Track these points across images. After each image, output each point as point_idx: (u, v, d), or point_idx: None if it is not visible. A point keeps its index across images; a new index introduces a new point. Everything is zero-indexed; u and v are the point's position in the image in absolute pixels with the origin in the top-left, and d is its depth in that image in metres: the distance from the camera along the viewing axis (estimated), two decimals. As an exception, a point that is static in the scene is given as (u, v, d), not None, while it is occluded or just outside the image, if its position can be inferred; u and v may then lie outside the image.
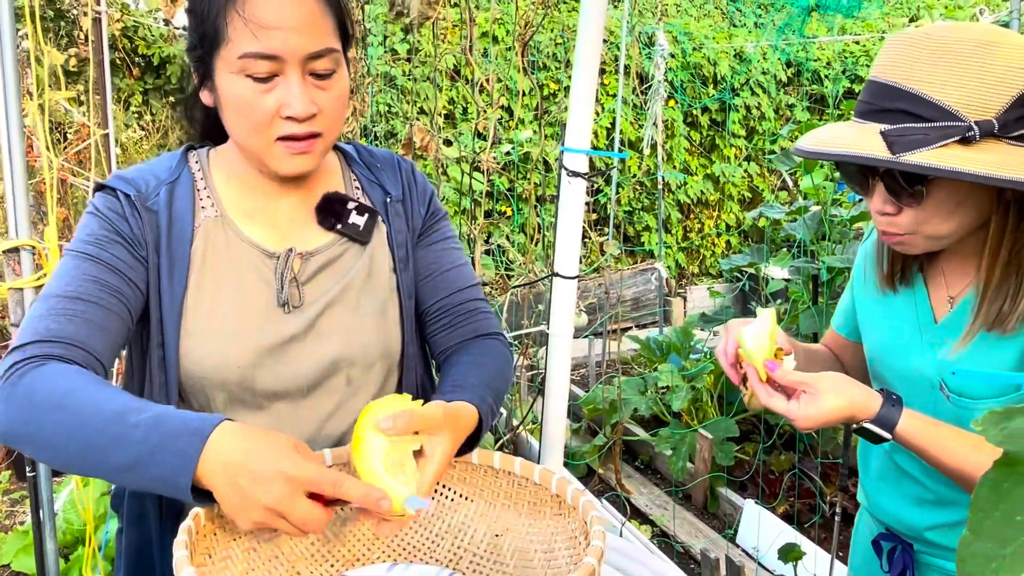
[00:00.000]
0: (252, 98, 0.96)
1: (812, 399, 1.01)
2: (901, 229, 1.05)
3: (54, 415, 0.83)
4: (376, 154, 1.21)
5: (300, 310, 1.06)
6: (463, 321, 1.16)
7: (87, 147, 4.36)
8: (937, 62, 0.96)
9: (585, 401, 3.93)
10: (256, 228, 1.07)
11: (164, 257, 1.01)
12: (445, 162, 3.71)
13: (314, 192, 1.11)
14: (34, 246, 1.63)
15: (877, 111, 1.00)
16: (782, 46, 6.14)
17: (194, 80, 1.04)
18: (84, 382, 0.86)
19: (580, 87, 1.52)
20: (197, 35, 0.98)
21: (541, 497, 1.01)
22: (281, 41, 0.94)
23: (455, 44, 5.17)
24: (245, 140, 1.00)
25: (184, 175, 1.06)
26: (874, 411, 1.01)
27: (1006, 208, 1.01)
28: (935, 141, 0.94)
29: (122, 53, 5.17)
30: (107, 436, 0.81)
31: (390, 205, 1.15)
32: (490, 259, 4.24)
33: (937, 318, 1.14)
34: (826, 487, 3.21)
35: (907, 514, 1.21)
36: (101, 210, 1.01)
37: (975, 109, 0.95)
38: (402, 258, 1.14)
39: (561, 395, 1.65)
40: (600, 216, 6.31)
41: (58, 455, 0.84)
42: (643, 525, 3.28)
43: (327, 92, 0.99)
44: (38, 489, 1.69)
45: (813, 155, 1.02)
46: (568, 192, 1.51)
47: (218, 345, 1.01)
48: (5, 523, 3.25)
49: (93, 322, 0.93)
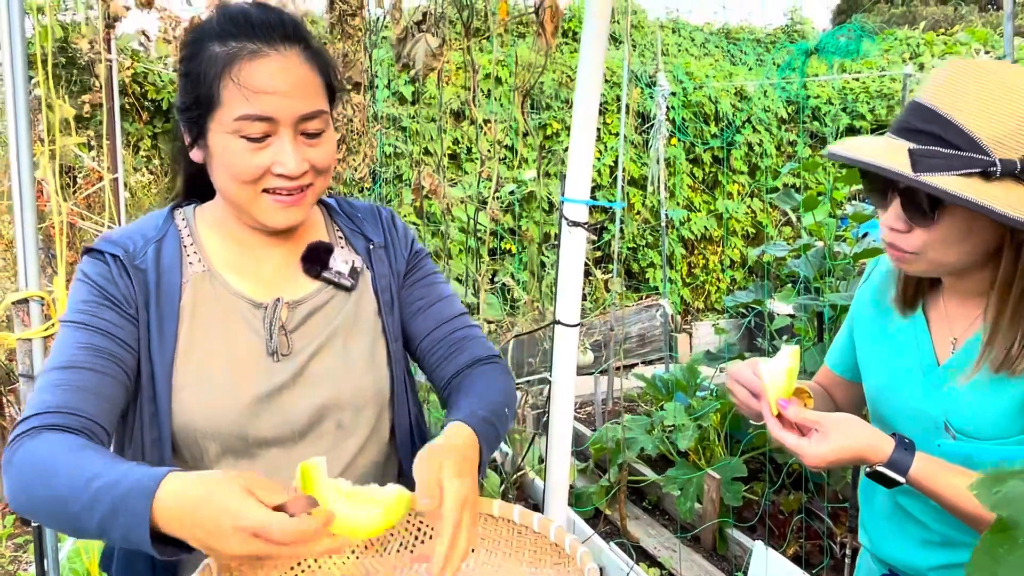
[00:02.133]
0: (245, 156, 0.99)
1: (822, 438, 1.02)
2: (908, 247, 1.06)
3: (39, 487, 0.86)
4: (356, 205, 1.25)
5: (289, 358, 1.08)
6: (457, 350, 1.18)
7: (96, 191, 4.42)
8: (978, 94, 0.98)
9: (592, 441, 3.91)
10: (243, 280, 1.10)
11: (153, 313, 1.03)
12: (451, 202, 3.74)
13: (299, 244, 1.14)
14: (43, 297, 1.65)
15: (911, 130, 1.02)
16: (782, 84, 6.22)
17: (184, 139, 1.06)
18: (64, 450, 0.88)
19: (579, 140, 1.55)
20: (191, 97, 1.01)
21: (541, 546, 1.01)
22: (275, 105, 0.98)
23: (459, 86, 5.25)
24: (235, 193, 1.03)
25: (171, 232, 1.09)
26: (886, 455, 1.01)
27: (1016, 249, 1.02)
28: (957, 168, 0.96)
29: (132, 98, 5.26)
30: (79, 504, 0.83)
31: (373, 251, 1.19)
32: (495, 298, 4.26)
33: (940, 360, 1.15)
34: (836, 528, 3.17)
35: (911, 555, 1.21)
36: (90, 276, 1.04)
37: (1003, 147, 0.97)
38: (387, 302, 1.17)
39: (564, 440, 1.65)
40: (604, 253, 6.34)
41: (51, 522, 0.88)
42: (652, 568, 3.23)
43: (317, 149, 1.03)
44: (43, 537, 1.69)
45: (841, 159, 1.04)
46: (568, 241, 1.53)
47: (210, 397, 1.02)
48: (9, 568, 3.23)
49: (86, 388, 0.95)
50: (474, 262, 3.14)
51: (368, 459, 1.14)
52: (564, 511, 1.75)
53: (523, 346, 4.13)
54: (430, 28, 1.88)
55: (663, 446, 3.77)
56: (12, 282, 4.25)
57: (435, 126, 4.39)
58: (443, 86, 3.81)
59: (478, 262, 2.96)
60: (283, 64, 0.99)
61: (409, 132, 5.59)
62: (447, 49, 2.14)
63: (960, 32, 9.29)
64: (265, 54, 0.99)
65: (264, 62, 0.98)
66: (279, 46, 1.00)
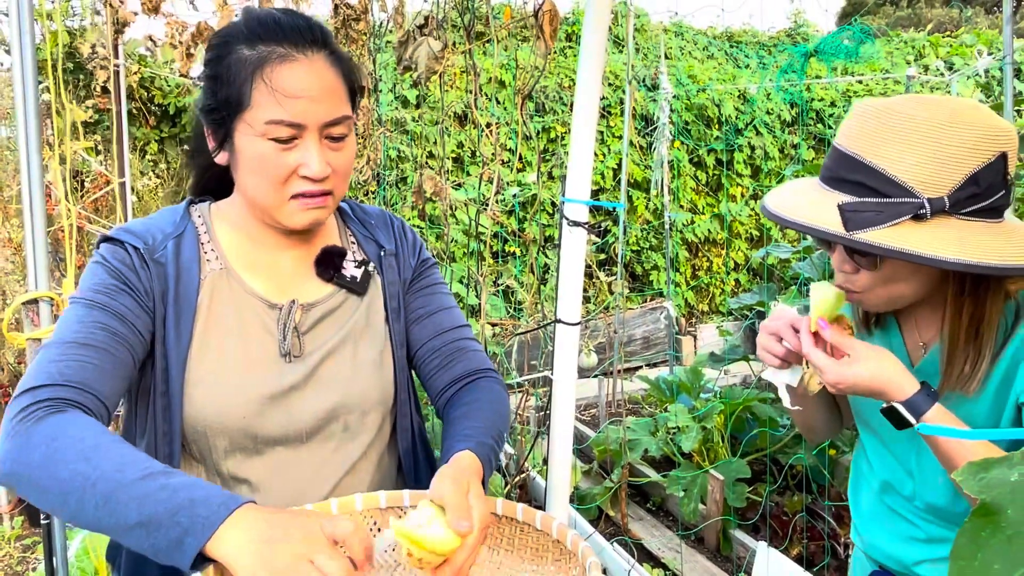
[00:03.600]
0: (273, 158, 1.01)
1: (851, 361, 1.03)
2: (858, 288, 1.08)
3: (75, 465, 0.84)
4: (369, 211, 1.27)
5: (300, 360, 1.10)
6: (453, 360, 1.19)
7: (104, 195, 4.46)
8: (896, 138, 0.99)
9: (595, 442, 3.92)
10: (259, 280, 1.11)
11: (171, 308, 1.04)
12: (454, 204, 3.77)
13: (314, 247, 1.16)
14: (52, 297, 1.67)
15: (838, 180, 1.04)
16: (785, 87, 6.23)
17: (208, 139, 1.08)
18: (107, 438, 0.88)
19: (579, 139, 1.57)
20: (219, 98, 1.02)
21: (543, 543, 1.03)
22: (304, 110, 1.00)
23: (462, 89, 5.28)
24: (262, 196, 1.04)
25: (188, 229, 1.10)
26: (907, 394, 1.01)
27: (960, 280, 1.05)
28: (888, 220, 0.97)
29: (139, 103, 5.30)
30: (130, 494, 0.82)
31: (384, 258, 1.20)
32: (499, 300, 4.28)
33: (913, 362, 1.17)
34: (839, 528, 3.17)
35: (898, 551, 1.23)
36: (109, 260, 1.04)
37: (929, 186, 0.98)
38: (394, 308, 1.19)
39: (566, 440, 1.67)
40: (608, 256, 6.35)
41: (67, 504, 0.84)
42: (655, 569, 3.24)
43: (339, 153, 1.05)
44: (52, 536, 1.71)
45: (776, 219, 1.06)
46: (569, 241, 1.55)
47: (222, 394, 1.04)
48: (18, 569, 3.26)
49: (103, 368, 0.95)
50: (477, 265, 3.17)
51: (372, 461, 1.16)
52: (566, 509, 1.77)
53: (526, 348, 4.14)
54: (432, 31, 1.90)
55: (667, 447, 3.78)
56: (22, 285, 4.29)
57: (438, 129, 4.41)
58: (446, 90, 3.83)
59: (481, 264, 2.99)
60: (311, 69, 1.01)
61: (413, 136, 5.62)
62: (449, 53, 2.16)
63: (965, 34, 9.29)
64: (295, 58, 1.00)
65: (294, 66, 1.00)
66: (307, 51, 1.02)
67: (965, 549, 0.49)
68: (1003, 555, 0.48)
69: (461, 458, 0.99)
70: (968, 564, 0.49)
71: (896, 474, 1.21)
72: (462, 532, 0.89)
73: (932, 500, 1.17)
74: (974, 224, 0.99)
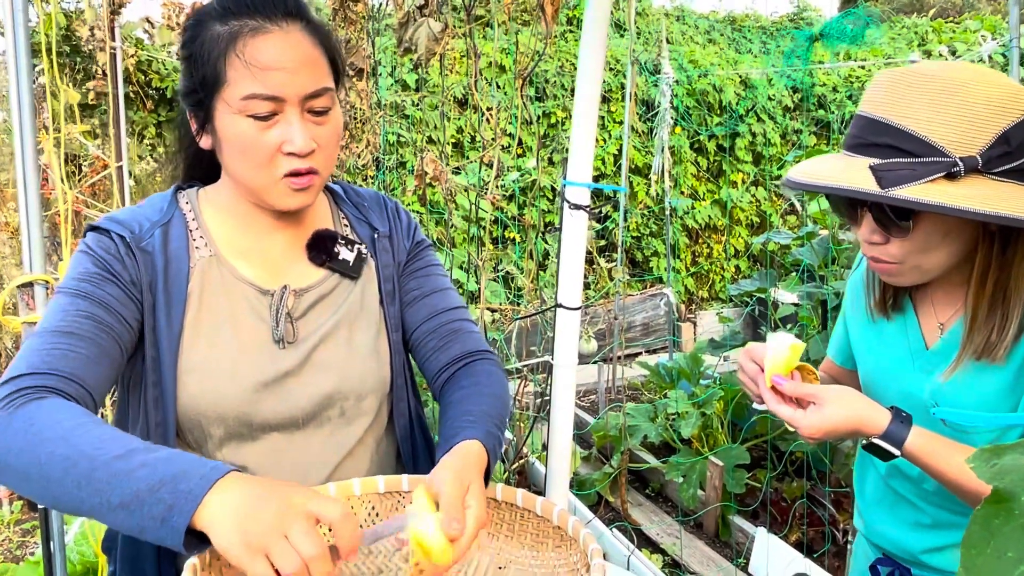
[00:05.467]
0: (254, 135, 0.99)
1: (818, 409, 1.03)
2: (890, 258, 1.07)
3: (53, 447, 0.82)
4: (363, 193, 1.25)
5: (294, 346, 1.08)
6: (449, 342, 1.17)
7: (101, 179, 4.43)
8: (924, 99, 0.99)
9: (594, 428, 3.92)
10: (249, 266, 1.09)
11: (161, 297, 1.03)
12: (454, 190, 3.75)
13: (305, 230, 1.14)
14: (48, 280, 1.66)
15: (865, 145, 1.02)
16: (787, 72, 6.19)
17: (191, 124, 1.06)
18: (88, 419, 0.86)
19: (581, 121, 1.55)
20: (196, 78, 1.01)
21: (543, 529, 1.02)
22: (281, 82, 0.97)
23: (462, 74, 5.24)
24: (250, 178, 1.02)
25: (176, 216, 1.09)
26: (882, 427, 1.02)
27: (991, 241, 1.04)
28: (922, 176, 0.96)
29: (136, 87, 5.26)
30: (110, 472, 0.80)
31: (377, 241, 1.19)
32: (499, 286, 4.26)
33: (928, 344, 1.16)
34: (838, 514, 3.18)
35: (904, 538, 1.22)
36: (94, 249, 1.03)
37: (960, 145, 0.97)
38: (389, 292, 1.17)
39: (566, 425, 1.66)
40: (608, 242, 6.33)
41: (49, 488, 0.82)
42: (654, 554, 3.25)
43: (323, 127, 1.03)
44: (49, 521, 1.70)
45: (804, 187, 1.04)
46: (570, 224, 1.53)
47: (216, 382, 1.03)
48: (17, 553, 3.26)
49: (88, 358, 0.94)
50: (477, 250, 3.15)
51: (369, 446, 1.15)
52: (566, 495, 1.76)
53: (525, 335, 4.13)
54: (432, 12, 1.88)
55: (666, 434, 3.78)
56: (18, 269, 4.27)
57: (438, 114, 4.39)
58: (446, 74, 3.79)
59: (480, 249, 2.97)
60: (286, 40, 0.99)
61: (412, 120, 5.59)
62: (449, 35, 2.14)
63: (968, 19, 9.23)
64: (268, 30, 0.98)
65: (267, 38, 0.98)
66: (280, 22, 1.00)
67: (977, 536, 0.48)
68: (1016, 542, 0.46)
69: (468, 449, 0.97)
70: (980, 552, 0.48)
71: None
72: (452, 534, 0.86)
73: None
74: (1006, 185, 0.98)
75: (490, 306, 3.61)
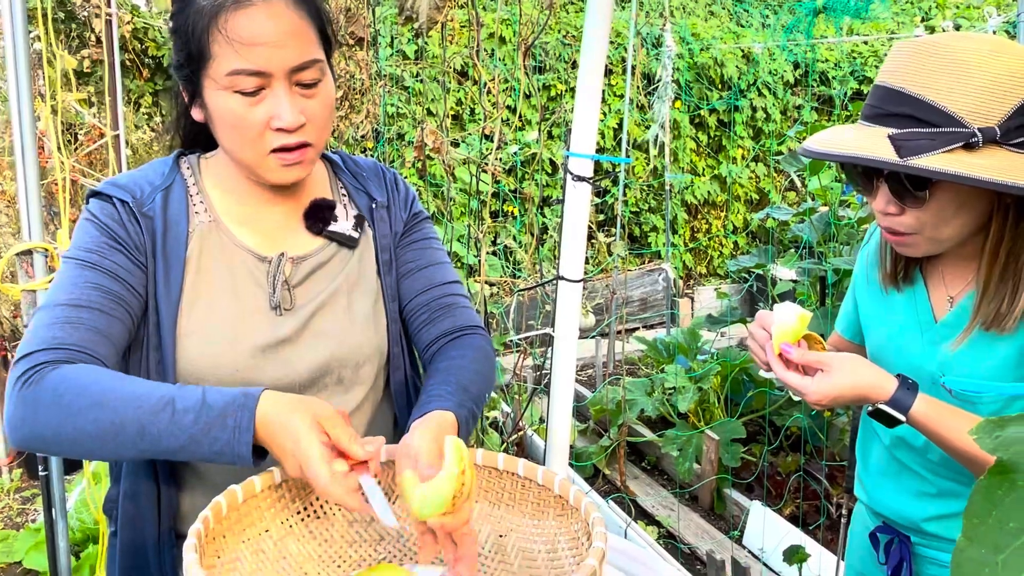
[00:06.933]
0: (242, 112, 0.98)
1: (826, 376, 1.04)
2: (905, 228, 1.08)
3: (92, 413, 0.86)
4: (361, 163, 1.24)
5: (292, 313, 1.09)
6: (442, 315, 1.18)
7: (98, 148, 4.40)
8: (943, 69, 0.99)
9: (592, 402, 3.94)
10: (248, 233, 1.10)
11: (160, 261, 1.03)
12: (453, 164, 3.73)
13: (303, 199, 1.14)
14: (47, 248, 1.65)
15: (884, 115, 1.03)
16: (789, 47, 6.13)
17: (183, 97, 1.06)
18: (111, 377, 0.89)
19: (585, 92, 1.54)
20: (183, 54, 1.00)
21: (544, 498, 1.02)
22: (266, 57, 0.96)
23: (463, 46, 5.19)
24: (240, 153, 1.02)
25: (177, 181, 1.09)
26: (889, 393, 1.03)
27: (1005, 212, 1.04)
28: (941, 146, 0.97)
29: (132, 55, 5.20)
30: (159, 427, 0.86)
31: (375, 211, 1.19)
32: (497, 260, 4.26)
33: (937, 317, 1.17)
34: (832, 488, 3.21)
35: (907, 507, 1.24)
36: (99, 217, 1.03)
37: (979, 116, 0.97)
38: (386, 261, 1.18)
39: (566, 397, 1.67)
40: (607, 217, 6.31)
41: (104, 448, 0.88)
42: (649, 526, 3.28)
43: (313, 100, 1.02)
44: (50, 488, 1.71)
45: (822, 156, 1.04)
46: (573, 196, 1.53)
47: (214, 347, 1.03)
48: (17, 521, 3.29)
49: (98, 329, 0.95)
50: (476, 223, 3.14)
51: (366, 413, 1.16)
52: (565, 467, 1.77)
53: (523, 309, 4.13)
54: (434, -20, 1.85)
55: (663, 408, 3.80)
56: (15, 238, 4.24)
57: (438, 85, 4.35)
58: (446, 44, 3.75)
59: (479, 223, 2.96)
60: (269, 12, 0.97)
61: (413, 92, 5.54)
62: (451, 5, 2.11)
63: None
64: (250, 3, 0.97)
65: (249, 11, 0.96)
66: None
67: (980, 507, 0.48)
68: (1018, 513, 0.47)
69: (442, 418, 0.98)
70: (982, 522, 0.48)
71: (909, 427, 1.22)
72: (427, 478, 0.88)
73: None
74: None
75: (489, 280, 3.60)
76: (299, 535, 1.00)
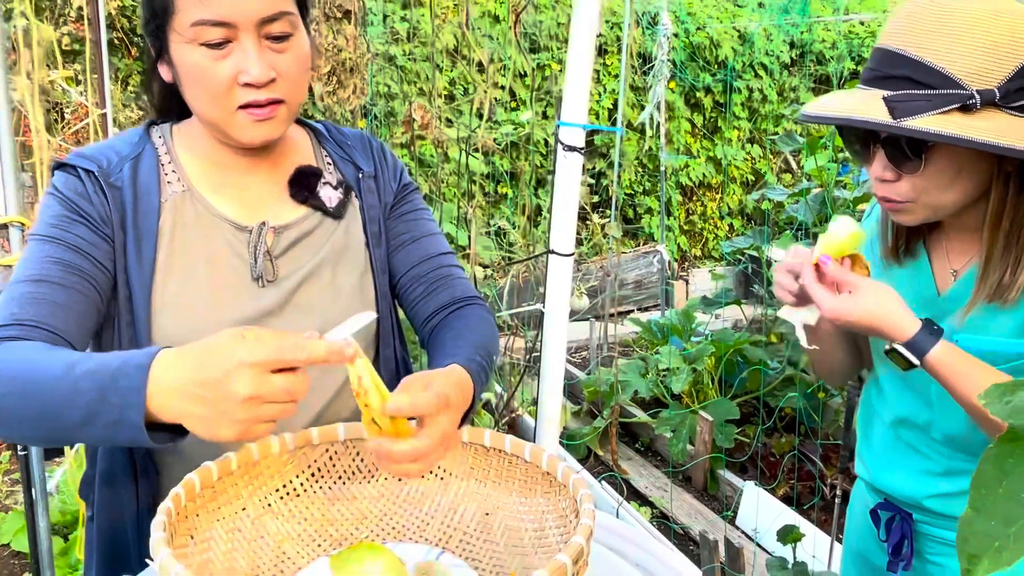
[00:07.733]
0: (208, 66, 0.94)
1: (851, 296, 1.00)
2: (901, 196, 1.05)
3: (8, 388, 0.80)
4: (347, 132, 1.20)
5: (275, 284, 1.05)
6: (438, 288, 1.14)
7: (85, 127, 4.33)
8: (942, 30, 0.96)
9: (585, 383, 3.92)
10: (226, 202, 1.05)
11: (131, 233, 0.99)
12: (446, 144, 3.68)
13: (283, 167, 1.10)
14: (23, 223, 1.61)
15: (881, 77, 1.00)
16: (786, 25, 6.08)
17: (151, 54, 1.02)
18: (33, 351, 0.84)
19: (576, 59, 1.49)
20: (149, 8, 0.96)
21: (532, 475, 0.99)
22: (231, 6, 0.92)
23: (454, 23, 5.12)
24: (207, 111, 0.98)
25: (147, 150, 1.04)
26: (908, 335, 0.99)
27: (1006, 179, 1.01)
28: (937, 107, 0.94)
29: (120, 33, 5.12)
30: (58, 395, 0.77)
31: (362, 181, 1.15)
32: (490, 240, 4.22)
33: (940, 291, 1.14)
34: (826, 469, 3.20)
35: (909, 485, 1.21)
36: (61, 190, 0.99)
37: (977, 78, 0.95)
38: (375, 234, 1.14)
39: (557, 373, 1.64)
40: (602, 198, 6.27)
41: (23, 428, 0.82)
42: (643, 507, 3.27)
43: (284, 55, 0.97)
44: (30, 467, 1.68)
45: (816, 119, 1.02)
46: (564, 167, 1.49)
47: (191, 320, 1.00)
48: (7, 503, 3.26)
49: (56, 302, 0.91)
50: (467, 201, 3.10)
51: None
52: (555, 444, 1.75)
53: (516, 292, 4.10)
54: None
55: (657, 389, 3.78)
56: None
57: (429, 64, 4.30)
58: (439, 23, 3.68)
59: (471, 201, 2.92)
60: None
61: (405, 70, 5.47)
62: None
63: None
64: None
65: None
66: None
67: (989, 476, 0.45)
68: (1029, 483, 0.44)
69: (453, 370, 0.93)
70: (991, 492, 0.45)
71: (913, 405, 1.19)
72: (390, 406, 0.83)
73: (949, 430, 1.14)
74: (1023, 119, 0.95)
75: (481, 261, 3.57)
76: (277, 513, 0.97)
